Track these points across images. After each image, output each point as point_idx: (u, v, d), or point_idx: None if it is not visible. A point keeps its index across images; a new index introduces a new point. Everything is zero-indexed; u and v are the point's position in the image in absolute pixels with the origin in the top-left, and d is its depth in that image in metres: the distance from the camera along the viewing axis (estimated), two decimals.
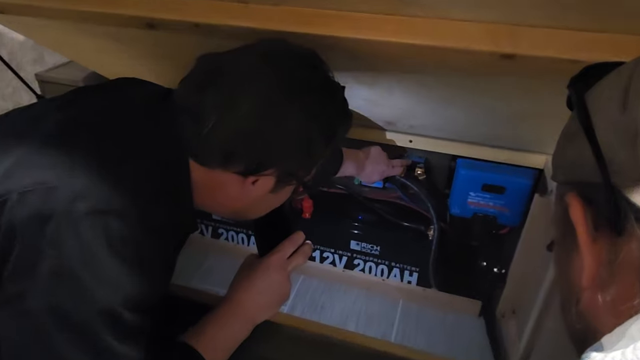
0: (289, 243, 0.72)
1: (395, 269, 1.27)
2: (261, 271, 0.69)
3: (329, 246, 1.30)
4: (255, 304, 0.67)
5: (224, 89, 0.56)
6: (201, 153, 0.58)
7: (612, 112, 0.29)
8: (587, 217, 0.31)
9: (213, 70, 0.58)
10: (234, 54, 0.60)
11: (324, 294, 1.32)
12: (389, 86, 0.82)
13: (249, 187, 0.61)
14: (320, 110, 0.59)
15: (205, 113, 0.56)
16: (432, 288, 1.25)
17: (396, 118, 1.02)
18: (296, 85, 0.58)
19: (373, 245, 1.25)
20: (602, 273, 0.31)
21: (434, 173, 1.19)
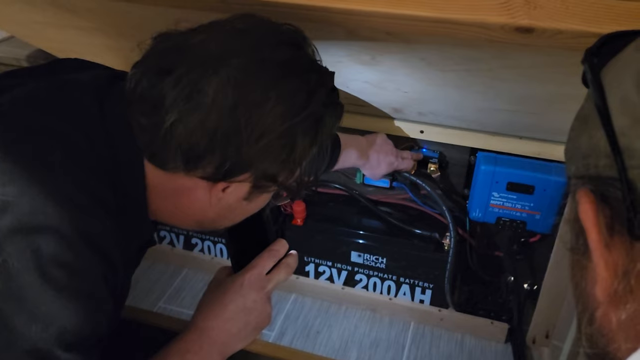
0: (268, 255, 0.71)
1: (404, 286, 1.29)
2: (234, 291, 0.68)
3: (325, 259, 1.32)
4: (226, 332, 0.67)
5: (187, 75, 0.55)
6: (159, 153, 0.57)
7: (628, 93, 0.29)
8: (600, 219, 0.32)
9: (173, 51, 0.57)
10: (200, 32, 0.59)
11: (320, 315, 1.34)
12: (392, 66, 0.84)
13: (218, 195, 0.60)
14: (304, 101, 0.58)
15: (164, 105, 0.55)
16: (448, 308, 1.27)
17: (403, 104, 1.04)
18: (275, 69, 0.57)
19: (378, 257, 1.27)
20: (618, 286, 0.31)
21: (450, 170, 1.22)
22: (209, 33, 0.59)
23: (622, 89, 0.30)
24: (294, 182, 0.64)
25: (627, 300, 0.31)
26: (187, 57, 0.56)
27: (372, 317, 1.33)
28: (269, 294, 0.72)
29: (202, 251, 1.44)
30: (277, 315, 1.34)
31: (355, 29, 0.69)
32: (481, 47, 0.67)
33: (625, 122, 0.29)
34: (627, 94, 0.30)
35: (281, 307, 1.36)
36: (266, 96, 0.56)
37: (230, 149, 0.56)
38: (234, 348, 0.69)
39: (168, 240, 1.46)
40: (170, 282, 1.42)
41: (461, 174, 1.21)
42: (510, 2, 0.53)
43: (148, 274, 1.46)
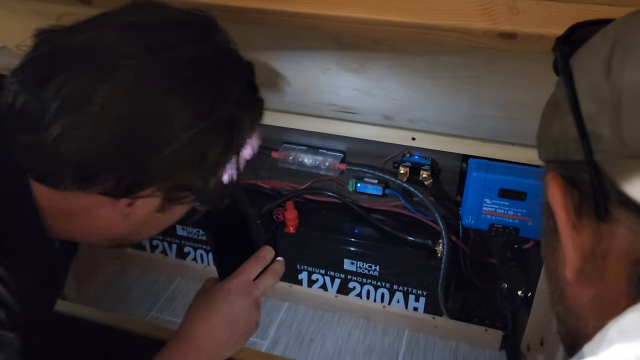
0: (255, 261, 0.69)
1: (398, 294, 1.28)
2: (221, 298, 0.66)
3: (318, 266, 1.31)
4: (213, 340, 0.65)
5: (72, 82, 0.47)
6: (48, 173, 0.50)
7: (595, 79, 0.30)
8: (568, 201, 0.32)
9: (56, 54, 0.50)
10: (86, 28, 0.51)
11: (314, 324, 1.32)
12: (380, 73, 0.83)
13: (124, 211, 0.54)
14: (213, 99, 0.52)
15: (48, 117, 0.47)
16: (442, 316, 1.26)
17: (393, 111, 1.03)
18: (176, 70, 0.50)
19: (371, 265, 1.26)
20: (585, 266, 0.32)
21: (443, 177, 1.21)
22: (97, 30, 0.51)
23: (590, 76, 0.31)
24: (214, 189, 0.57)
25: (594, 279, 0.31)
26: (71, 60, 0.49)
27: (366, 325, 1.32)
28: (257, 301, 0.70)
29: (195, 260, 1.43)
30: (271, 324, 1.32)
31: (341, 36, 0.68)
32: (467, 53, 0.67)
33: (593, 108, 0.30)
34: (594, 80, 0.30)
35: (274, 315, 1.34)
36: (166, 102, 0.49)
37: (128, 163, 0.50)
38: (222, 356, 0.67)
39: (161, 249, 1.45)
40: (162, 291, 1.41)
41: (453, 180, 1.21)
42: (492, 7, 0.53)
43: (140, 283, 1.45)
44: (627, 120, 0.28)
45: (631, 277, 0.29)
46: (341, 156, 1.24)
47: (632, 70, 0.29)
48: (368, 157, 1.24)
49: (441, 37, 0.56)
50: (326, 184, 1.31)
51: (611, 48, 0.30)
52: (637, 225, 0.28)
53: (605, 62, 0.30)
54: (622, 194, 0.28)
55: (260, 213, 1.27)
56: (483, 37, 0.54)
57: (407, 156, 1.20)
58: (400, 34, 0.59)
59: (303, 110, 1.14)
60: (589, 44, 0.33)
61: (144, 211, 0.55)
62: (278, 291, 1.38)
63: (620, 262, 0.29)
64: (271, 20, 0.64)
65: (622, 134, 0.28)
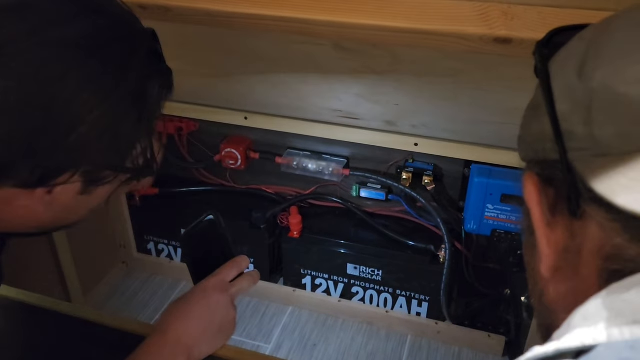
0: (231, 265, 0.70)
1: (401, 299, 1.27)
2: (197, 294, 0.67)
3: (321, 271, 1.31)
4: (189, 332, 0.65)
5: None
6: None
7: (570, 79, 0.31)
8: (543, 199, 0.33)
9: None
10: None
11: (317, 328, 1.33)
12: (381, 79, 0.84)
13: (44, 199, 0.52)
14: (114, 79, 0.49)
15: None
16: (445, 321, 1.26)
17: (396, 117, 1.04)
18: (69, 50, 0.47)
19: (374, 270, 1.26)
20: (559, 262, 0.32)
21: (445, 182, 1.21)
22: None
23: (565, 76, 0.32)
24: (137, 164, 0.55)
25: (567, 275, 0.32)
26: None
27: (369, 330, 1.32)
28: (233, 298, 0.70)
29: None
30: (274, 328, 1.33)
31: (341, 41, 0.69)
32: (465, 59, 0.68)
33: (567, 107, 0.31)
34: (569, 81, 0.31)
35: (278, 319, 1.35)
36: (64, 84, 0.47)
37: (35, 153, 0.47)
38: (200, 350, 0.66)
39: (166, 254, 1.46)
40: (168, 295, 1.42)
41: (456, 186, 1.21)
42: (488, 13, 0.53)
43: (146, 287, 1.46)
44: (598, 119, 0.29)
45: (602, 273, 0.29)
46: (345, 162, 1.24)
47: (603, 70, 0.29)
48: (371, 163, 1.24)
49: (438, 42, 0.57)
50: (330, 189, 1.31)
51: (586, 50, 0.31)
52: (607, 221, 0.29)
53: (579, 63, 0.31)
54: (593, 192, 0.29)
55: (265, 218, 1.28)
56: (479, 42, 0.54)
57: (410, 162, 1.20)
58: (397, 39, 0.60)
59: (307, 116, 1.15)
60: (566, 47, 0.34)
61: (66, 197, 0.53)
62: (282, 295, 1.38)
63: (592, 258, 0.30)
64: (272, 26, 0.65)
65: (594, 132, 0.29)
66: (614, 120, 0.28)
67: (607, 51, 0.30)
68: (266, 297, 1.41)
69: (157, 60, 0.55)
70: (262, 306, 1.39)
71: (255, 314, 1.37)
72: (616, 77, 0.29)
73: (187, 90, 1.13)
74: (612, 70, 0.29)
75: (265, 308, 1.38)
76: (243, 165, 1.28)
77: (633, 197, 0.27)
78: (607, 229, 0.29)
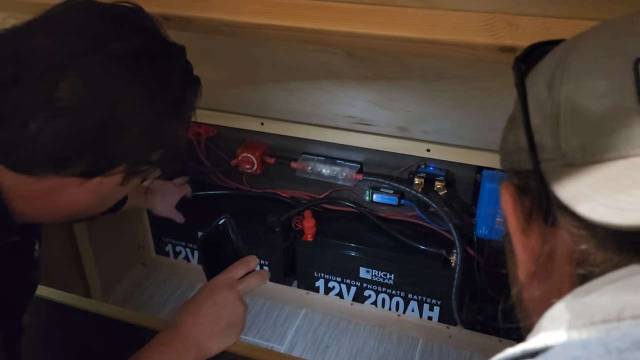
0: (239, 264, 0.74)
1: (412, 302, 1.29)
2: (207, 292, 0.71)
3: (334, 274, 1.33)
4: (199, 326, 0.68)
5: (36, 81, 0.53)
6: (23, 161, 0.56)
7: (540, 94, 0.33)
8: (518, 208, 0.35)
9: (13, 58, 0.55)
10: (32, 31, 0.57)
11: (329, 331, 1.34)
12: (393, 86, 0.86)
13: (93, 187, 0.60)
14: (164, 83, 0.58)
15: (19, 115, 0.53)
16: (457, 326, 1.27)
17: (408, 123, 1.06)
18: (126, 62, 0.56)
19: (386, 273, 1.28)
20: (533, 267, 0.34)
21: (457, 188, 1.22)
22: (45, 32, 0.57)
23: (537, 91, 0.33)
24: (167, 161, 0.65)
25: (541, 280, 0.34)
26: (31, 63, 0.54)
27: (381, 333, 1.33)
28: (241, 294, 0.72)
29: None
30: (288, 330, 1.35)
31: (353, 50, 0.71)
32: (475, 67, 0.69)
33: (538, 120, 0.33)
34: (539, 95, 0.33)
35: (291, 321, 1.37)
36: (125, 90, 0.56)
37: (99, 147, 0.56)
38: (210, 345, 0.69)
39: (183, 256, 1.49)
40: (184, 296, 1.45)
41: (468, 191, 1.22)
42: (493, 23, 0.55)
43: (163, 287, 1.49)
44: (563, 131, 0.31)
45: (572, 277, 0.31)
46: (358, 167, 1.26)
47: (568, 86, 0.31)
48: (384, 168, 1.26)
49: (445, 51, 0.59)
50: (343, 194, 1.33)
51: (555, 66, 0.33)
52: (575, 228, 0.30)
53: (548, 79, 0.33)
54: (560, 200, 0.30)
55: (280, 221, 1.30)
56: (484, 51, 0.56)
57: (422, 167, 1.22)
58: (407, 48, 0.62)
59: (321, 122, 1.17)
60: (541, 62, 0.36)
61: (109, 187, 0.62)
62: (295, 298, 1.41)
63: (564, 263, 0.32)
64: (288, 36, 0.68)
65: (560, 144, 0.31)
66: (576, 133, 0.30)
67: (572, 67, 0.32)
68: (280, 300, 1.43)
69: (190, 71, 0.65)
70: (275, 308, 1.41)
71: (269, 316, 1.39)
72: (579, 92, 0.31)
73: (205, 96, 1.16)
74: (576, 85, 0.31)
75: (279, 310, 1.41)
76: (259, 169, 1.31)
77: (591, 206, 0.29)
78: (575, 236, 0.30)
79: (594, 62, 0.32)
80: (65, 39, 0.56)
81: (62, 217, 0.67)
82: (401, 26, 0.57)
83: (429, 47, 0.59)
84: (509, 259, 0.39)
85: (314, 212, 1.33)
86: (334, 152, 1.28)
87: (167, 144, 0.62)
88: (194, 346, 0.68)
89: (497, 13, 0.55)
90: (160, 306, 1.42)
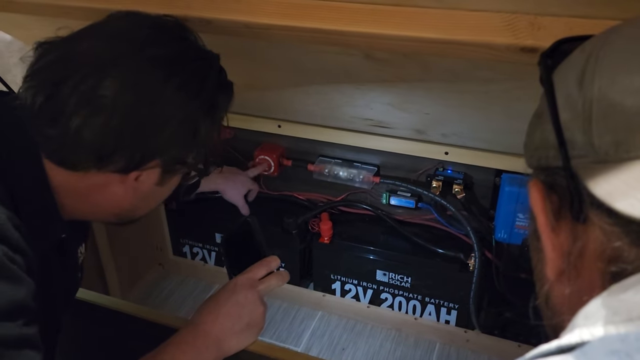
0: (260, 264, 0.75)
1: (429, 306, 1.27)
2: (228, 291, 0.72)
3: (351, 277, 1.33)
4: (219, 325, 0.70)
5: (83, 82, 0.57)
6: (69, 157, 0.60)
7: (570, 89, 0.32)
8: (547, 205, 0.34)
9: (63, 61, 0.60)
10: (83, 37, 0.62)
11: (346, 333, 1.34)
12: (411, 87, 0.85)
13: (132, 185, 0.64)
14: (197, 85, 0.62)
15: (66, 113, 0.57)
16: (475, 330, 1.25)
17: (426, 125, 1.05)
18: (165, 64, 0.60)
19: (403, 276, 1.27)
20: (563, 265, 0.34)
21: (475, 191, 1.21)
22: (93, 38, 0.62)
23: (567, 87, 0.33)
24: (201, 162, 0.68)
25: (571, 278, 0.34)
26: (78, 64, 0.59)
27: (398, 337, 1.32)
28: (262, 294, 0.74)
29: None
30: (304, 332, 1.35)
31: (372, 51, 0.71)
32: (495, 68, 0.68)
33: (568, 116, 0.32)
34: (569, 91, 0.33)
35: (308, 323, 1.36)
36: (162, 88, 0.60)
37: (137, 142, 0.60)
38: (229, 343, 0.71)
39: (200, 257, 1.50)
40: (202, 296, 1.45)
41: (487, 195, 1.20)
42: (515, 23, 0.54)
43: (180, 288, 1.50)
44: (596, 127, 0.30)
45: (604, 275, 0.31)
46: (375, 169, 1.25)
47: (600, 81, 0.31)
48: (401, 171, 1.25)
49: (466, 52, 0.58)
50: (360, 197, 1.32)
51: (585, 61, 0.33)
52: (608, 225, 0.30)
53: (579, 74, 0.32)
54: (594, 197, 0.30)
55: (296, 223, 1.30)
56: (506, 51, 0.55)
57: (440, 170, 1.20)
58: (427, 49, 0.61)
59: (338, 124, 1.17)
60: (569, 58, 0.35)
61: (147, 185, 0.65)
62: (312, 300, 1.40)
63: (595, 261, 0.31)
64: (306, 37, 0.68)
65: (593, 141, 0.30)
66: (610, 129, 0.30)
67: (605, 63, 0.31)
68: (296, 301, 1.43)
69: (224, 76, 0.69)
70: (292, 310, 1.41)
71: (285, 317, 1.39)
72: (612, 87, 0.30)
73: None
74: (609, 81, 0.31)
75: (296, 312, 1.41)
76: (276, 171, 1.31)
77: (629, 202, 0.28)
78: (608, 233, 0.30)
79: (627, 56, 0.31)
80: (109, 43, 0.61)
81: (107, 216, 0.70)
82: (421, 27, 0.57)
83: (449, 47, 0.59)
84: (535, 257, 0.38)
85: (331, 214, 1.33)
86: (351, 155, 1.28)
87: (201, 145, 0.65)
88: (214, 344, 0.70)
89: (519, 13, 0.54)
90: (177, 307, 1.43)
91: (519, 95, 0.77)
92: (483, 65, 0.67)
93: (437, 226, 1.26)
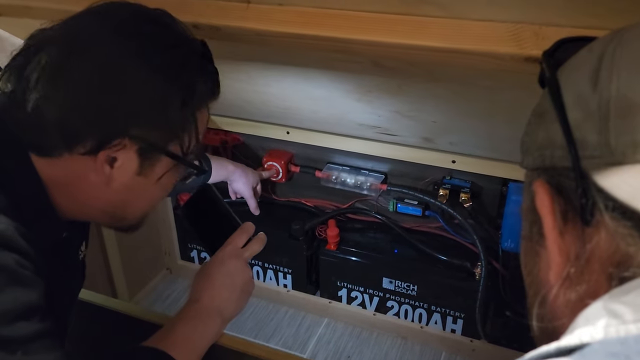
0: (240, 232, 0.78)
1: (435, 314, 1.27)
2: (217, 264, 0.75)
3: (357, 284, 1.33)
4: (218, 297, 0.72)
5: (49, 58, 0.56)
6: (37, 140, 0.58)
7: (582, 89, 0.32)
8: (555, 208, 0.33)
9: (34, 43, 0.59)
10: (65, 22, 0.61)
11: (351, 341, 1.34)
12: (418, 96, 0.86)
13: (107, 171, 0.61)
14: (175, 69, 0.60)
15: (28, 90, 0.56)
16: (481, 339, 1.25)
17: (433, 133, 1.06)
18: (142, 44, 0.59)
19: (409, 284, 1.27)
20: (569, 269, 0.33)
21: (482, 200, 1.21)
22: (70, 20, 0.61)
23: (577, 86, 0.33)
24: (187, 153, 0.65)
25: (577, 282, 0.33)
26: (47, 44, 0.58)
27: (403, 345, 1.32)
28: (246, 260, 0.77)
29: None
30: (310, 338, 1.35)
31: (379, 59, 0.72)
32: (501, 77, 0.69)
33: (579, 116, 0.32)
34: (581, 90, 0.32)
35: (314, 330, 1.37)
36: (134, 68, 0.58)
37: (102, 115, 0.58)
38: (230, 311, 0.74)
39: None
40: None
41: (494, 204, 1.21)
42: (519, 33, 0.55)
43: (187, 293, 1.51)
44: (614, 128, 0.30)
45: (612, 279, 0.30)
46: (382, 177, 1.26)
47: (619, 81, 0.30)
48: (409, 179, 1.26)
49: (472, 61, 0.59)
50: (367, 204, 1.33)
51: (598, 61, 0.32)
52: (620, 228, 0.29)
53: (591, 74, 0.32)
54: (608, 199, 0.29)
55: (304, 230, 1.31)
56: (510, 61, 0.56)
57: (447, 178, 1.21)
58: (433, 57, 0.62)
59: (346, 131, 1.18)
60: (575, 57, 0.35)
61: (126, 173, 0.62)
62: (318, 307, 1.41)
63: (603, 264, 0.31)
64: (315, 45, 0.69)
65: (609, 141, 0.30)
66: (629, 129, 0.29)
67: (622, 62, 0.31)
68: (302, 308, 1.43)
69: (207, 62, 0.66)
70: (298, 316, 1.42)
71: (291, 324, 1.40)
72: (632, 87, 0.30)
73: (232, 105, 1.18)
74: (628, 80, 0.30)
75: (302, 318, 1.41)
76: (284, 178, 1.33)
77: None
78: (618, 236, 0.29)
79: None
80: (84, 22, 0.60)
81: (100, 215, 0.68)
82: (428, 36, 0.58)
83: (455, 56, 0.60)
84: (531, 261, 0.37)
85: (338, 221, 1.34)
86: (359, 162, 1.29)
87: (177, 129, 0.62)
88: (218, 315, 0.73)
89: (523, 23, 0.55)
90: None
91: (524, 104, 0.78)
92: (489, 75, 0.68)
93: (444, 234, 1.26)
